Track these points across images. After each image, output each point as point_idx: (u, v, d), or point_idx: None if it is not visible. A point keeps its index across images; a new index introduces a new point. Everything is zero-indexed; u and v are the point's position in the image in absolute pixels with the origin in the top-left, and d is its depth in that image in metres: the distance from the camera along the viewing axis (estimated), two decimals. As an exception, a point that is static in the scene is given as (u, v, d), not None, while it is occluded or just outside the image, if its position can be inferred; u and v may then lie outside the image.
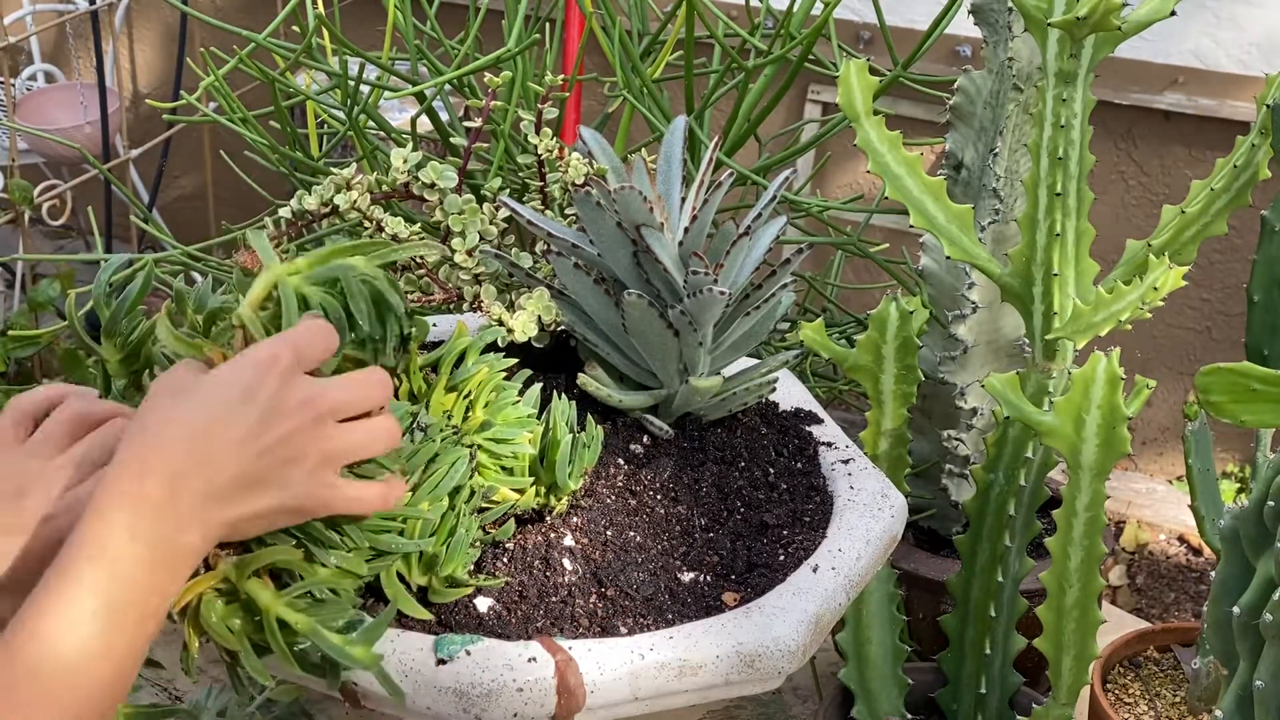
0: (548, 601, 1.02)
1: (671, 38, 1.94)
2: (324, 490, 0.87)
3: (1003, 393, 1.41)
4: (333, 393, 0.87)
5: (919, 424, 1.94)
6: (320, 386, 0.86)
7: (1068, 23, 1.36)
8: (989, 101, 1.78)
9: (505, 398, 1.06)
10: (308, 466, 0.85)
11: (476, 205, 1.22)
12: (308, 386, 0.86)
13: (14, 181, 2.49)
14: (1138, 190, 2.71)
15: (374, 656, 0.86)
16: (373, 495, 0.90)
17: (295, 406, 0.84)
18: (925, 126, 2.69)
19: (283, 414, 0.84)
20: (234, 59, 1.76)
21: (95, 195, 3.05)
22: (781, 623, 1.00)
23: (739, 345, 1.21)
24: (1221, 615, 1.33)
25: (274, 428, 0.83)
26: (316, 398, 0.86)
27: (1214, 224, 1.52)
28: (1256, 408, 1.26)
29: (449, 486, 0.99)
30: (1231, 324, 2.68)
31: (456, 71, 1.71)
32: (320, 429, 0.86)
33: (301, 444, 0.85)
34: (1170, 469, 2.83)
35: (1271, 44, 2.53)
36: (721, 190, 1.16)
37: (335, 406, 0.87)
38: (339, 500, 0.88)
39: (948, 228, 1.48)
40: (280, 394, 0.84)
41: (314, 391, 0.86)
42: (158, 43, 3.62)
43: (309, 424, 0.85)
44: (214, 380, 0.85)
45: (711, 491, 1.15)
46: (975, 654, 1.65)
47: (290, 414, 0.84)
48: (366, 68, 1.80)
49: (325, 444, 0.86)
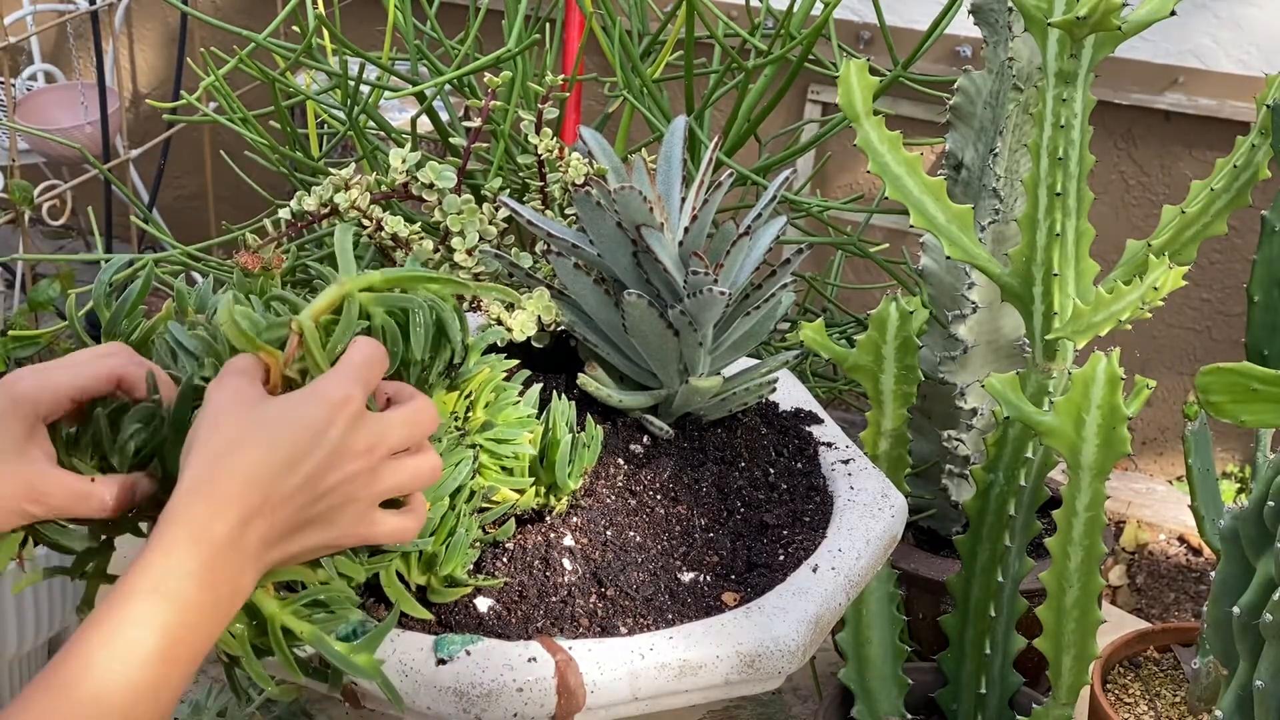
0: (548, 601, 1.02)
1: (671, 38, 1.94)
2: (366, 528, 0.86)
3: (1003, 393, 1.41)
4: (393, 435, 0.86)
5: (919, 424, 1.94)
6: (383, 430, 0.85)
7: (1068, 23, 1.36)
8: (989, 101, 1.78)
9: (506, 398, 1.06)
10: (360, 509, 0.85)
11: (475, 205, 1.22)
12: (373, 433, 0.84)
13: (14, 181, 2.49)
14: (1138, 190, 2.71)
15: (376, 665, 0.86)
16: (410, 526, 0.89)
17: (361, 451, 0.83)
18: (925, 126, 2.69)
19: (348, 458, 0.83)
20: (234, 59, 1.76)
21: (95, 195, 3.05)
22: (781, 623, 1.00)
23: (739, 345, 1.21)
24: (1221, 615, 1.33)
25: (337, 471, 0.82)
26: (380, 444, 0.84)
27: (1214, 224, 1.52)
28: (1256, 408, 1.26)
29: (451, 487, 0.99)
30: (1231, 324, 2.68)
31: (456, 71, 1.71)
32: (377, 475, 0.85)
33: (357, 488, 0.84)
34: (1170, 469, 2.83)
35: (1271, 44, 2.53)
36: (721, 190, 1.16)
37: (394, 447, 0.86)
38: (379, 535, 0.87)
39: (948, 228, 1.48)
40: (348, 437, 0.83)
41: (378, 438, 0.84)
42: (158, 43, 3.62)
43: (369, 469, 0.84)
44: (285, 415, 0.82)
45: (711, 491, 1.15)
46: (975, 654, 1.65)
47: (355, 458, 0.83)
48: (366, 68, 1.80)
49: (378, 486, 0.85)
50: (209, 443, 0.81)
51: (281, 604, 0.87)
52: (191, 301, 1.01)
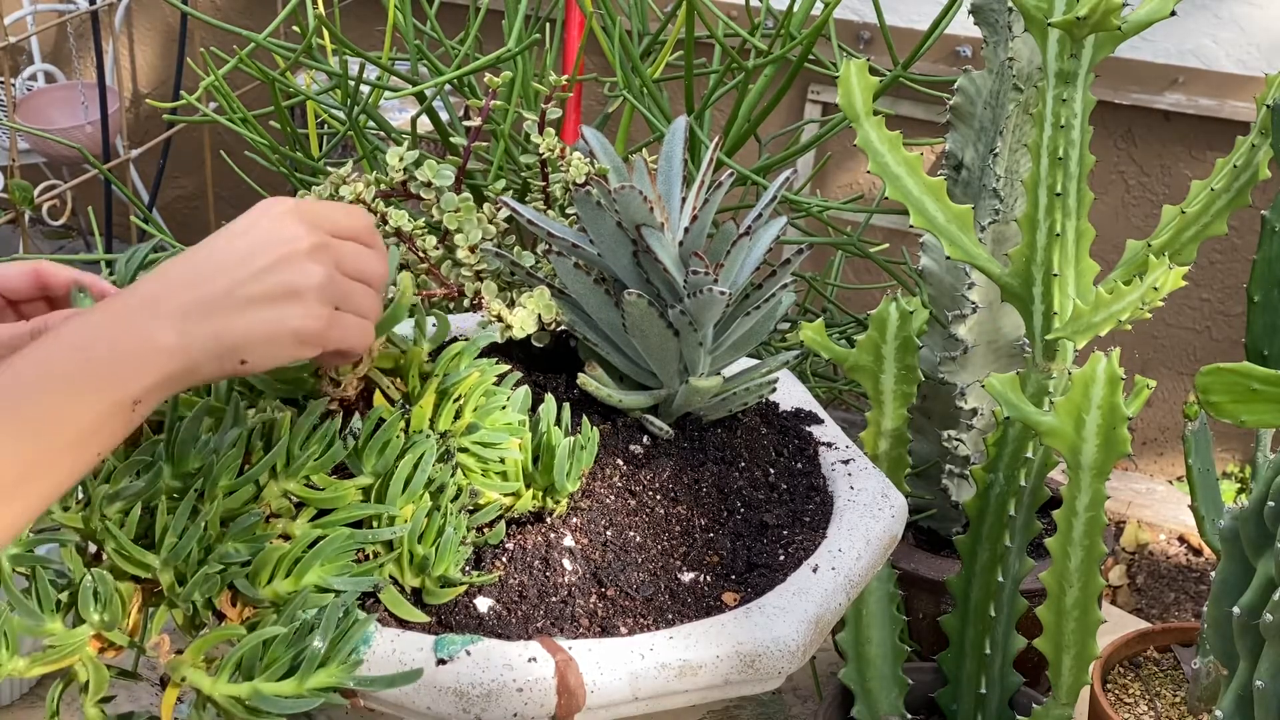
0: (548, 602, 1.02)
1: (671, 38, 1.94)
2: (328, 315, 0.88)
3: (1003, 393, 1.41)
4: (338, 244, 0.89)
5: (919, 424, 1.94)
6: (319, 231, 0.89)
7: (1068, 23, 1.36)
8: (989, 101, 1.78)
9: (494, 402, 1.06)
10: (310, 293, 0.87)
11: (473, 204, 1.22)
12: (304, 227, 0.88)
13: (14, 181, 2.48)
14: (1138, 190, 2.71)
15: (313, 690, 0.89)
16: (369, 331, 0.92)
17: (288, 238, 0.87)
18: (925, 126, 2.69)
19: (278, 241, 0.87)
20: (234, 59, 1.76)
21: (95, 195, 3.05)
22: (781, 623, 1.00)
23: (739, 345, 1.21)
24: (1221, 615, 1.33)
25: (266, 253, 0.86)
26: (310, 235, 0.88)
27: (1214, 224, 1.52)
28: (1256, 408, 1.26)
29: (421, 480, 0.99)
30: (1231, 324, 2.68)
31: (456, 71, 1.71)
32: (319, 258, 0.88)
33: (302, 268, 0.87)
34: (1170, 469, 2.83)
35: (1271, 44, 2.54)
36: (722, 190, 1.16)
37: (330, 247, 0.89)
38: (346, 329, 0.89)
39: (948, 228, 1.48)
40: (274, 228, 0.87)
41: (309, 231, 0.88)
42: (158, 43, 3.62)
43: (305, 252, 0.87)
44: (222, 229, 0.88)
45: (711, 491, 1.15)
46: (975, 654, 1.65)
47: (283, 243, 0.87)
48: (366, 68, 1.80)
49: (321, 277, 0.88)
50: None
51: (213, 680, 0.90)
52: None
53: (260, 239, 0.87)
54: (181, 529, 0.93)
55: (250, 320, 0.85)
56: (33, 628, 0.91)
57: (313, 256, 0.87)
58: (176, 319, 0.83)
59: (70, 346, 0.80)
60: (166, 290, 0.84)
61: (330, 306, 0.88)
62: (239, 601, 0.95)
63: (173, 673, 0.91)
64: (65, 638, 0.91)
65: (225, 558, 0.93)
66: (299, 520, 0.98)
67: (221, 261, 0.85)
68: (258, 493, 0.97)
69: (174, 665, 0.91)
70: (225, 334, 0.84)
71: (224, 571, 0.93)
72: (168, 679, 0.92)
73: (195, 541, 0.93)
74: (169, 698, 0.92)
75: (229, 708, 0.89)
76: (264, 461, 0.96)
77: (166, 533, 0.93)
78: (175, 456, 0.96)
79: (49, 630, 0.92)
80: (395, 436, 1.00)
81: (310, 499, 0.98)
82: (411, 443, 1.00)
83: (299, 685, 0.89)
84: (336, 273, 0.89)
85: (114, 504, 0.94)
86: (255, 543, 0.95)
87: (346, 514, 0.98)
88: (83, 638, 0.91)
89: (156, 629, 0.94)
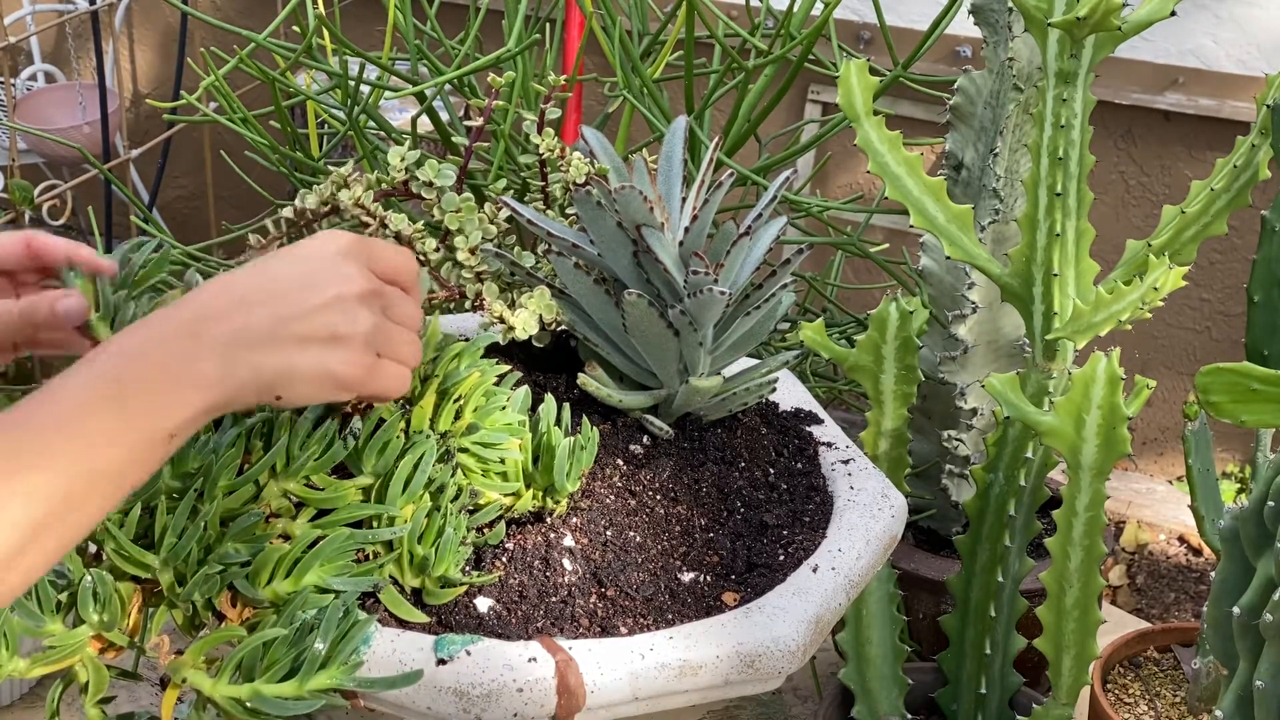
0: (548, 602, 1.02)
1: (671, 38, 1.94)
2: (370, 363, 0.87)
3: (1003, 393, 1.41)
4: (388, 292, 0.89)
5: (919, 424, 1.94)
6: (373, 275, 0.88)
7: (1068, 23, 1.36)
8: (989, 101, 1.78)
9: (494, 403, 1.06)
10: (358, 339, 0.86)
11: (475, 204, 1.22)
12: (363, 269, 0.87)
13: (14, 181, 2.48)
14: (1138, 190, 2.71)
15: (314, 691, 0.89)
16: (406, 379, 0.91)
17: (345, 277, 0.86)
18: (925, 126, 2.69)
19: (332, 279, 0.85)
20: (234, 59, 1.76)
21: (95, 195, 3.05)
22: (781, 623, 1.00)
23: (739, 345, 1.21)
24: (1221, 615, 1.33)
25: (320, 291, 0.85)
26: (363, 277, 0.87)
27: (1214, 224, 1.52)
28: (1256, 408, 1.26)
29: (421, 480, 0.99)
30: (1231, 324, 2.68)
31: (456, 71, 1.71)
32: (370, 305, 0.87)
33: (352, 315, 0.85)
34: (1170, 469, 2.83)
35: (1271, 44, 2.53)
36: (722, 190, 1.16)
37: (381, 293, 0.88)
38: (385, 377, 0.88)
39: (948, 228, 1.48)
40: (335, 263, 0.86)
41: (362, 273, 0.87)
42: (158, 43, 3.62)
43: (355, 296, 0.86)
44: (274, 254, 0.87)
45: (711, 491, 1.15)
46: (975, 654, 1.65)
47: (339, 283, 0.85)
48: (366, 68, 1.80)
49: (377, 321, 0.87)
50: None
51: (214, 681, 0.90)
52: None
53: (316, 274, 0.85)
54: (181, 529, 0.93)
55: (294, 359, 0.83)
56: (33, 628, 0.91)
57: (364, 301, 0.86)
58: (219, 348, 0.81)
59: (107, 378, 0.78)
60: (212, 315, 0.82)
61: (373, 354, 0.87)
62: (239, 602, 0.95)
63: (173, 674, 0.91)
64: (65, 638, 0.91)
65: (225, 558, 0.93)
66: (299, 520, 0.98)
67: (273, 291, 0.84)
68: (257, 493, 0.97)
69: (175, 666, 0.91)
70: (267, 369, 0.83)
71: (224, 572, 0.93)
72: (168, 679, 0.92)
73: (195, 541, 0.93)
74: (169, 698, 0.92)
75: (230, 709, 0.89)
76: (263, 461, 0.96)
77: (166, 533, 0.93)
78: (175, 457, 0.95)
79: (49, 631, 0.92)
80: (395, 437, 1.00)
81: (310, 499, 0.98)
82: (411, 443, 1.00)
83: (300, 687, 0.89)
84: (384, 319, 0.88)
85: None
86: (255, 543, 0.95)
87: (346, 514, 0.98)
88: (83, 638, 0.91)
89: (156, 629, 0.94)
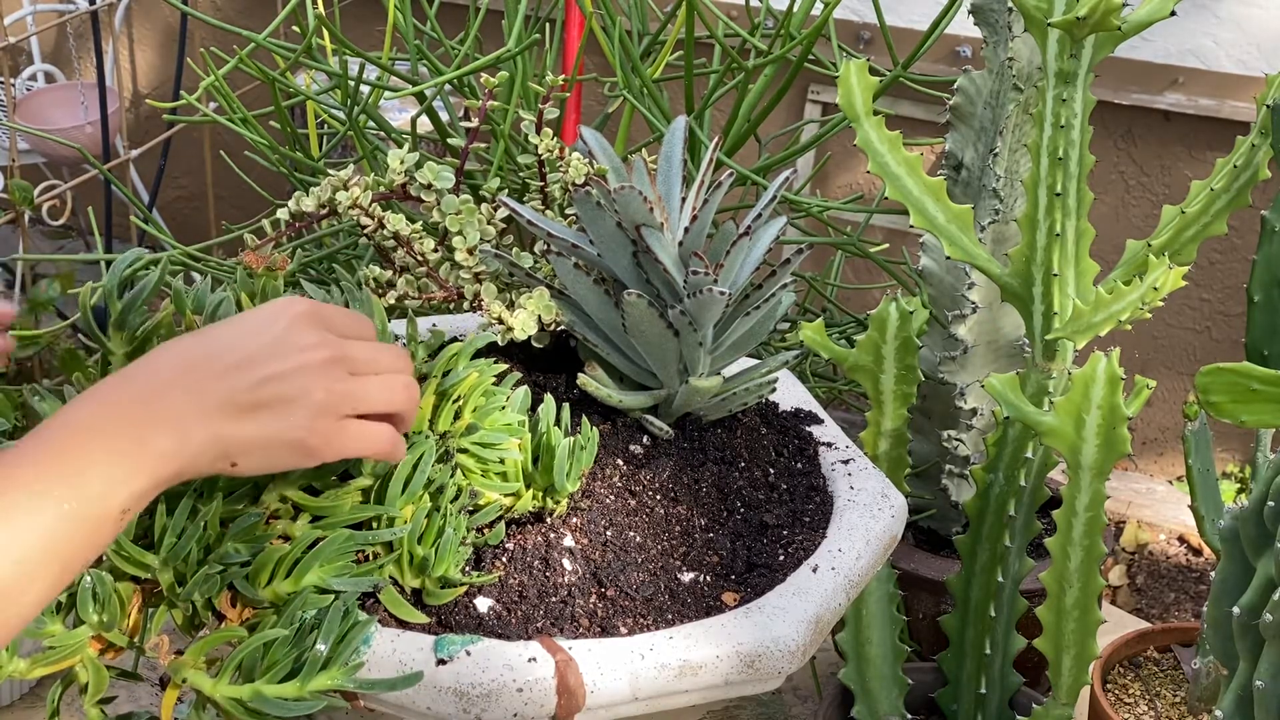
0: (548, 602, 1.02)
1: (671, 38, 1.94)
2: (330, 429, 0.86)
3: (1003, 393, 1.41)
4: (350, 347, 0.87)
5: (919, 424, 1.94)
6: (338, 339, 0.87)
7: (1068, 23, 1.36)
8: (989, 101, 1.78)
9: (494, 403, 1.06)
10: (312, 406, 0.85)
11: (474, 205, 1.22)
12: (323, 335, 0.86)
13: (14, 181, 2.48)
14: (1138, 190, 2.71)
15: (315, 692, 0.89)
16: (382, 436, 0.89)
17: (305, 346, 0.85)
18: (925, 126, 2.69)
19: (294, 349, 0.84)
20: (234, 59, 1.76)
21: (95, 195, 3.05)
22: (781, 623, 1.00)
23: (739, 345, 1.21)
24: (1221, 615, 1.33)
25: (279, 360, 0.83)
26: (330, 344, 0.86)
27: (1214, 224, 1.52)
28: (1256, 408, 1.26)
29: (421, 481, 0.99)
30: (1231, 324, 2.68)
31: (456, 71, 1.71)
32: (330, 371, 0.85)
33: (307, 382, 0.84)
34: (1170, 469, 2.83)
35: (1271, 44, 2.53)
36: (721, 190, 1.15)
37: (349, 357, 0.87)
38: (347, 439, 0.87)
39: (948, 228, 1.48)
40: (293, 331, 0.85)
41: (329, 339, 0.86)
42: (158, 43, 3.62)
43: (318, 364, 0.85)
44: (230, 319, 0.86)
45: (711, 492, 1.15)
46: (975, 654, 1.65)
47: (302, 350, 0.85)
48: (366, 68, 1.80)
49: (335, 386, 0.86)
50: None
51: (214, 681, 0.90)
52: (189, 302, 1.01)
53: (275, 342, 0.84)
54: (181, 529, 0.93)
55: (249, 428, 0.82)
56: (32, 629, 0.91)
57: (327, 367, 0.85)
58: (174, 421, 0.79)
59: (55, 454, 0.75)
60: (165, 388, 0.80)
61: (337, 417, 0.86)
62: (239, 602, 0.95)
63: (174, 674, 0.91)
64: (65, 639, 0.91)
65: (225, 558, 0.93)
66: (299, 521, 0.98)
67: (230, 361, 0.83)
68: (257, 495, 0.97)
69: (175, 666, 0.91)
70: (221, 438, 0.82)
71: (224, 572, 0.93)
72: (168, 680, 0.92)
73: (195, 542, 0.93)
74: (169, 698, 0.92)
75: (230, 709, 0.89)
76: None
77: (166, 533, 0.93)
78: None
79: (49, 632, 0.91)
80: None
81: (307, 505, 0.98)
82: (411, 443, 1.00)
83: (301, 688, 0.89)
84: (350, 380, 0.87)
85: None
86: (255, 543, 0.94)
87: (346, 515, 0.98)
88: (82, 639, 0.91)
89: (156, 629, 0.94)
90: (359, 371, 0.88)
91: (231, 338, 0.84)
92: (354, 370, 0.88)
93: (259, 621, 0.94)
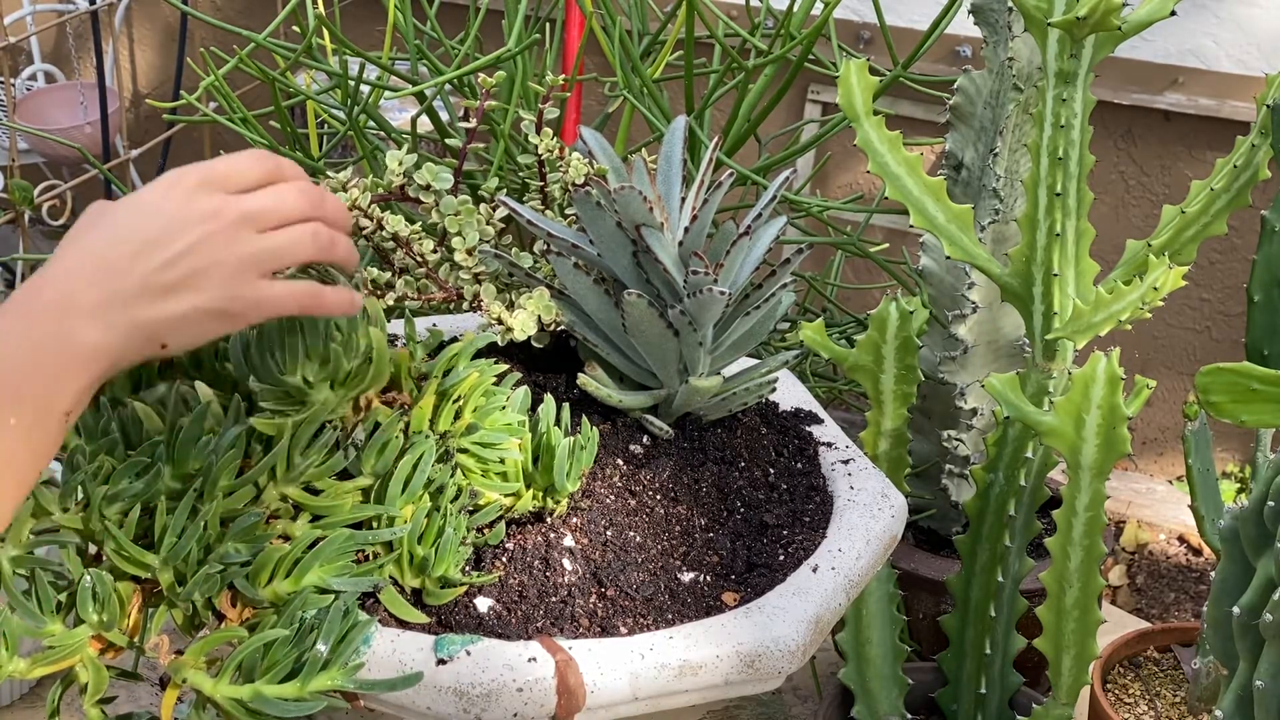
0: (548, 602, 1.02)
1: (671, 38, 1.94)
2: (249, 291, 0.86)
3: (1003, 393, 1.41)
4: (246, 202, 0.87)
5: (919, 424, 1.94)
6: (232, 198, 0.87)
7: (1068, 23, 1.36)
8: (989, 101, 1.78)
9: (494, 403, 1.06)
10: (226, 271, 0.85)
11: (473, 206, 1.22)
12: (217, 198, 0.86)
13: (14, 181, 2.48)
14: (1138, 190, 2.71)
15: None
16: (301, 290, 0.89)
17: (201, 216, 0.85)
18: (925, 126, 2.69)
19: (192, 222, 0.85)
20: (234, 59, 1.76)
21: (95, 195, 3.04)
22: (781, 623, 1.00)
23: (739, 345, 1.21)
24: (1221, 615, 1.33)
25: (183, 236, 0.84)
26: (226, 207, 0.86)
27: (1214, 224, 1.52)
28: (1256, 408, 1.26)
29: (421, 481, 0.99)
30: (1231, 324, 2.68)
31: (456, 71, 1.71)
32: (234, 234, 0.86)
33: (213, 251, 0.85)
34: (1170, 469, 2.83)
35: (1271, 44, 2.54)
36: (721, 190, 1.16)
37: (249, 214, 0.87)
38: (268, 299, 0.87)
39: (948, 228, 1.48)
40: (185, 206, 0.85)
41: (223, 202, 0.86)
42: (158, 43, 3.62)
43: (219, 231, 0.85)
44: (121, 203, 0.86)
45: (711, 491, 1.15)
46: (975, 654, 1.65)
47: (196, 223, 0.85)
48: (366, 68, 1.80)
49: (242, 249, 0.86)
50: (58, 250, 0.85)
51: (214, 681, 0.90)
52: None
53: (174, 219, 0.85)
54: (181, 529, 0.93)
55: (169, 307, 0.84)
56: (33, 629, 0.91)
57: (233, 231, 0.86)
58: (96, 316, 0.81)
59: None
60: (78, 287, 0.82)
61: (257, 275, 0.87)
62: (239, 602, 0.95)
63: (174, 674, 0.91)
64: (65, 639, 0.91)
65: (225, 558, 0.93)
66: (299, 521, 0.98)
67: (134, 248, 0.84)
68: (258, 494, 0.97)
69: (175, 666, 0.91)
70: (145, 323, 0.83)
71: (224, 572, 0.93)
72: (168, 679, 0.92)
73: (195, 541, 0.93)
74: (169, 698, 0.92)
75: (230, 709, 0.89)
76: (263, 463, 0.96)
77: (166, 533, 0.93)
78: (175, 458, 0.95)
79: (49, 631, 0.92)
80: (394, 437, 1.00)
81: (307, 505, 0.98)
82: (411, 443, 1.00)
83: (301, 688, 0.89)
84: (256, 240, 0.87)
85: (113, 505, 0.94)
86: (255, 543, 0.95)
87: (346, 515, 0.98)
88: (82, 638, 0.91)
89: (156, 629, 0.94)
90: (266, 225, 0.88)
91: (132, 222, 0.85)
92: (261, 226, 0.88)
93: (259, 621, 0.94)
